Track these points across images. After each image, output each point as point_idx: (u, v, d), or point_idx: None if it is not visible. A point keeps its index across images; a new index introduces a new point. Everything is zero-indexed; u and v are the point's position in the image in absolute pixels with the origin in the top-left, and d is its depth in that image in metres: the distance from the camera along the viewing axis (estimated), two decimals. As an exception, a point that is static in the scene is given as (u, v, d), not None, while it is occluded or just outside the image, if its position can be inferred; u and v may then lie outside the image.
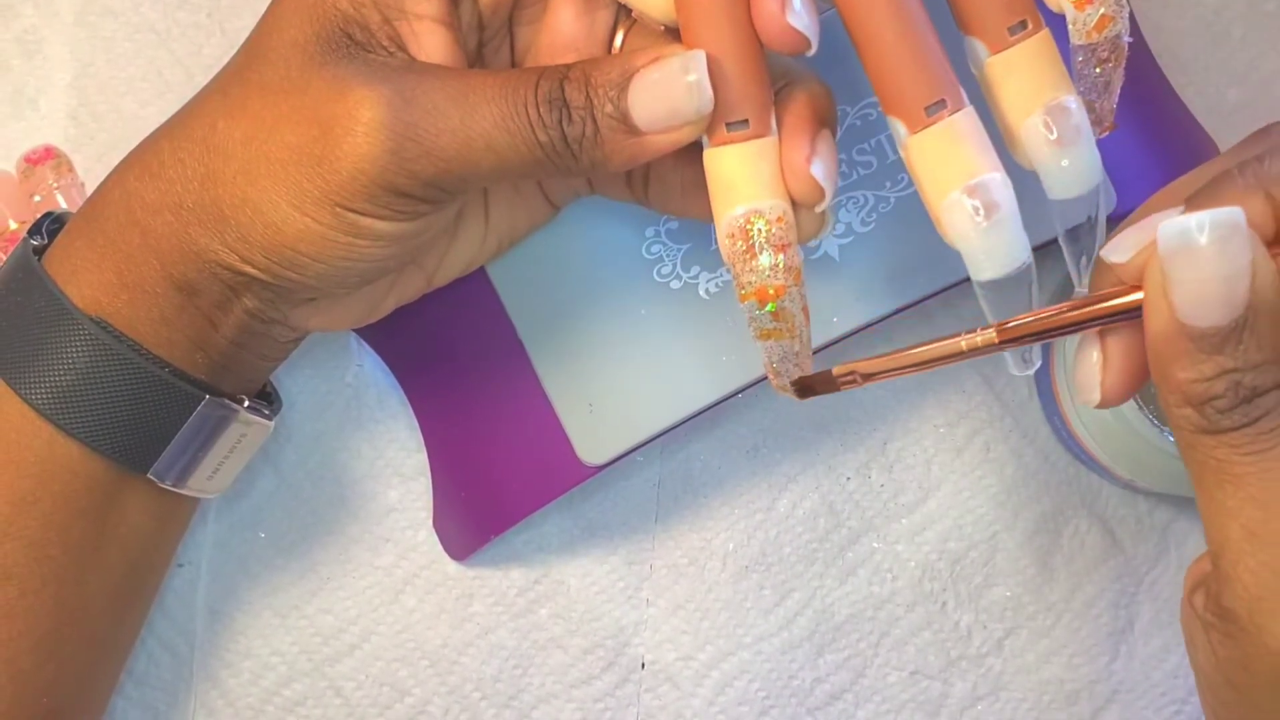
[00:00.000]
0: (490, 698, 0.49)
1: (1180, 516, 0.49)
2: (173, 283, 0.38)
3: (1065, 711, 0.49)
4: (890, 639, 0.49)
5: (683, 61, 0.34)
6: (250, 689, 0.49)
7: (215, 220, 0.37)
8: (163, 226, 0.37)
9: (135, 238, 0.38)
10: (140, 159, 0.38)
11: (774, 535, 0.50)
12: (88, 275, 0.38)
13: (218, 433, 0.41)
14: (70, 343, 0.38)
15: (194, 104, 0.38)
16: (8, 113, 0.51)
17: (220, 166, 0.36)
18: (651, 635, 0.49)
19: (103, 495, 0.40)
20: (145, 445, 0.39)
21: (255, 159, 0.36)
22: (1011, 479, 0.50)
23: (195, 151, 0.37)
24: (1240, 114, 0.50)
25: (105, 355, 0.38)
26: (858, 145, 0.45)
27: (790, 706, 0.49)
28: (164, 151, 0.38)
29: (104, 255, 0.38)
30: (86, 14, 0.51)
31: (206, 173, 0.37)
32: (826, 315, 0.44)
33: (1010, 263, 0.34)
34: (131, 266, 0.38)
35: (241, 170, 0.36)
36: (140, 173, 0.38)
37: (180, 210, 0.37)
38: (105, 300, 0.38)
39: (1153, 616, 0.49)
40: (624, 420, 0.45)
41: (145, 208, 0.38)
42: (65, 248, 0.39)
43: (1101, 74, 0.36)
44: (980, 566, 0.49)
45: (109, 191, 0.39)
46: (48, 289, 0.38)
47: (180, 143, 0.37)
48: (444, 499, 0.49)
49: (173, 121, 0.38)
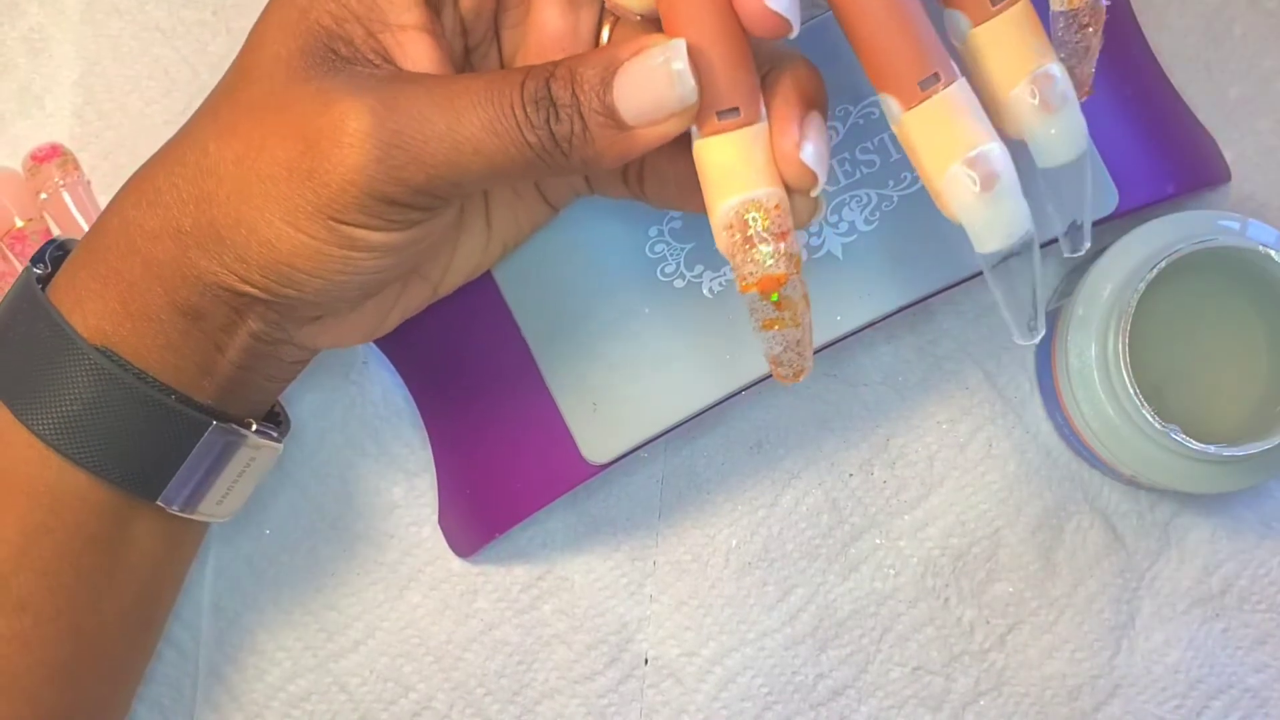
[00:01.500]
0: (494, 693, 0.49)
1: (1182, 512, 0.50)
2: (177, 308, 0.38)
3: (1067, 706, 0.49)
4: (893, 635, 0.49)
5: (663, 51, 0.33)
6: (255, 685, 0.49)
7: (213, 242, 0.36)
8: (163, 253, 0.37)
9: (137, 265, 0.38)
10: (137, 187, 0.38)
11: (777, 531, 0.50)
12: (92, 304, 0.38)
13: (226, 457, 0.40)
14: (76, 372, 0.38)
15: (187, 128, 0.38)
16: (14, 110, 0.51)
17: (214, 188, 0.36)
18: (655, 631, 0.50)
19: (113, 523, 0.40)
20: (153, 472, 0.39)
21: (247, 178, 0.36)
22: (1014, 475, 0.50)
23: (189, 175, 0.37)
24: (1240, 111, 0.50)
25: (111, 384, 0.38)
26: (861, 144, 0.45)
27: (793, 702, 0.49)
28: (159, 178, 0.37)
29: (107, 284, 0.38)
30: (92, 12, 0.51)
31: (201, 195, 0.36)
32: (830, 313, 0.44)
33: (1014, 232, 0.34)
34: (135, 294, 0.38)
35: (235, 190, 0.36)
36: (137, 200, 0.38)
37: (179, 235, 0.37)
38: (110, 329, 0.38)
39: (1154, 611, 0.49)
40: (628, 419, 0.45)
41: (145, 235, 0.37)
42: (70, 277, 0.39)
43: (1082, 39, 0.36)
44: (983, 562, 0.50)
45: (108, 221, 0.39)
46: (52, 319, 0.38)
47: (174, 168, 0.37)
48: (449, 496, 0.49)
49: (166, 148, 0.38)
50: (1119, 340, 0.43)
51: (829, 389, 0.50)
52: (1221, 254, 0.44)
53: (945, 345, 0.50)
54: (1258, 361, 0.46)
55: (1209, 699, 0.49)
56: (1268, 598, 0.49)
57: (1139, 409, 0.43)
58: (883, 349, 0.50)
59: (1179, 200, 0.47)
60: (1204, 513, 0.49)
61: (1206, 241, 0.43)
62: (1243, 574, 0.49)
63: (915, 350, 0.50)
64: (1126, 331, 0.43)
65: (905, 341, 0.50)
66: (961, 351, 0.50)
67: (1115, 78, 0.47)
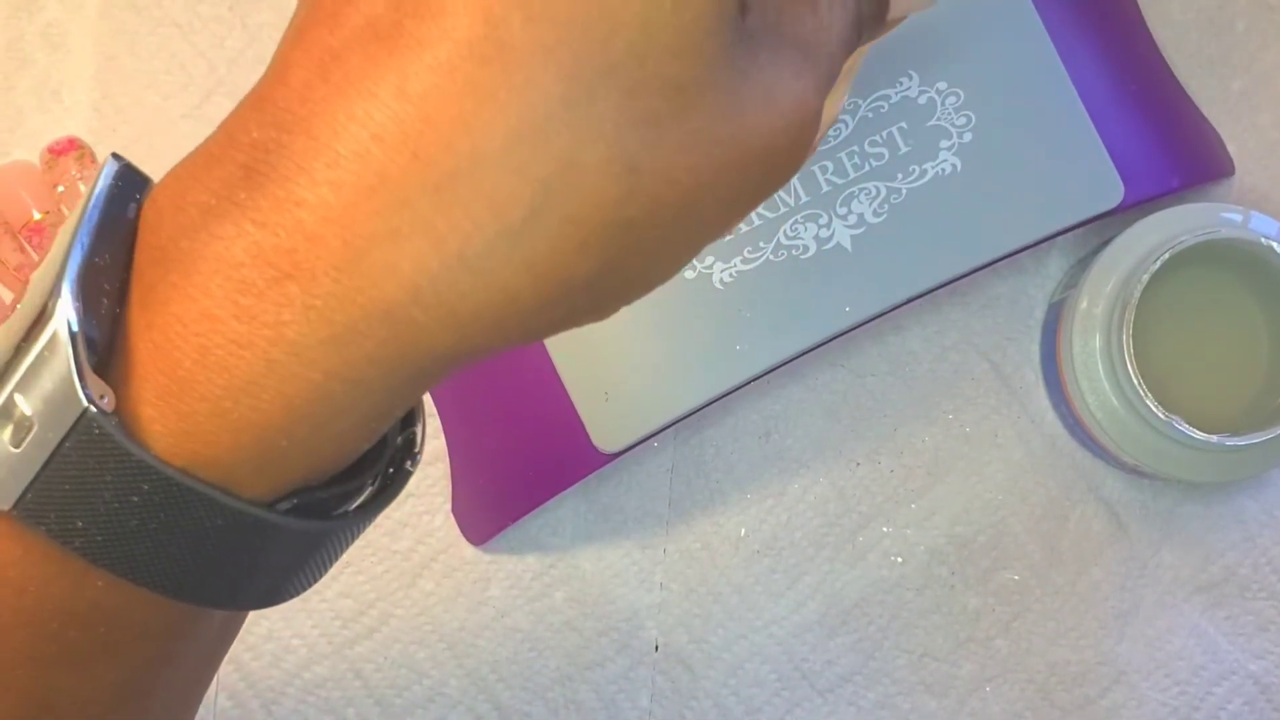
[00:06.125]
0: (506, 680, 0.50)
1: (1185, 501, 0.50)
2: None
3: (1071, 693, 0.50)
4: (899, 622, 0.50)
5: None
6: (272, 671, 0.50)
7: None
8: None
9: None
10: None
11: (785, 520, 0.50)
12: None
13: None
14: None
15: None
16: (32, 105, 0.52)
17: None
18: (665, 619, 0.50)
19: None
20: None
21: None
22: (1019, 465, 0.50)
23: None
24: (1243, 105, 0.51)
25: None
26: (869, 137, 0.45)
27: (801, 688, 0.50)
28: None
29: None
30: (110, 8, 0.52)
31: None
32: (838, 304, 0.45)
33: None
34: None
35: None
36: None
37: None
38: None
39: (1157, 599, 0.50)
40: (639, 408, 0.45)
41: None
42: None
43: None
44: (988, 550, 0.50)
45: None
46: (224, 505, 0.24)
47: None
48: (462, 485, 0.49)
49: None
50: (1123, 331, 0.44)
51: (837, 379, 0.50)
52: (1224, 246, 0.44)
53: (951, 336, 0.50)
54: (1260, 352, 0.47)
55: (1211, 685, 0.50)
56: (1269, 586, 0.50)
57: (1143, 399, 0.44)
58: (890, 340, 0.50)
59: (1182, 193, 0.48)
60: (1206, 502, 0.50)
61: (1210, 234, 0.44)
62: (1244, 562, 0.50)
63: (922, 341, 0.50)
64: (1130, 323, 0.44)
65: (912, 333, 0.51)
66: (967, 343, 0.50)
67: (1120, 73, 0.47)
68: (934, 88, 0.45)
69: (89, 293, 0.23)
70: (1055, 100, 0.45)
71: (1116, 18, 0.49)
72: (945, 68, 0.45)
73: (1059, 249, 0.51)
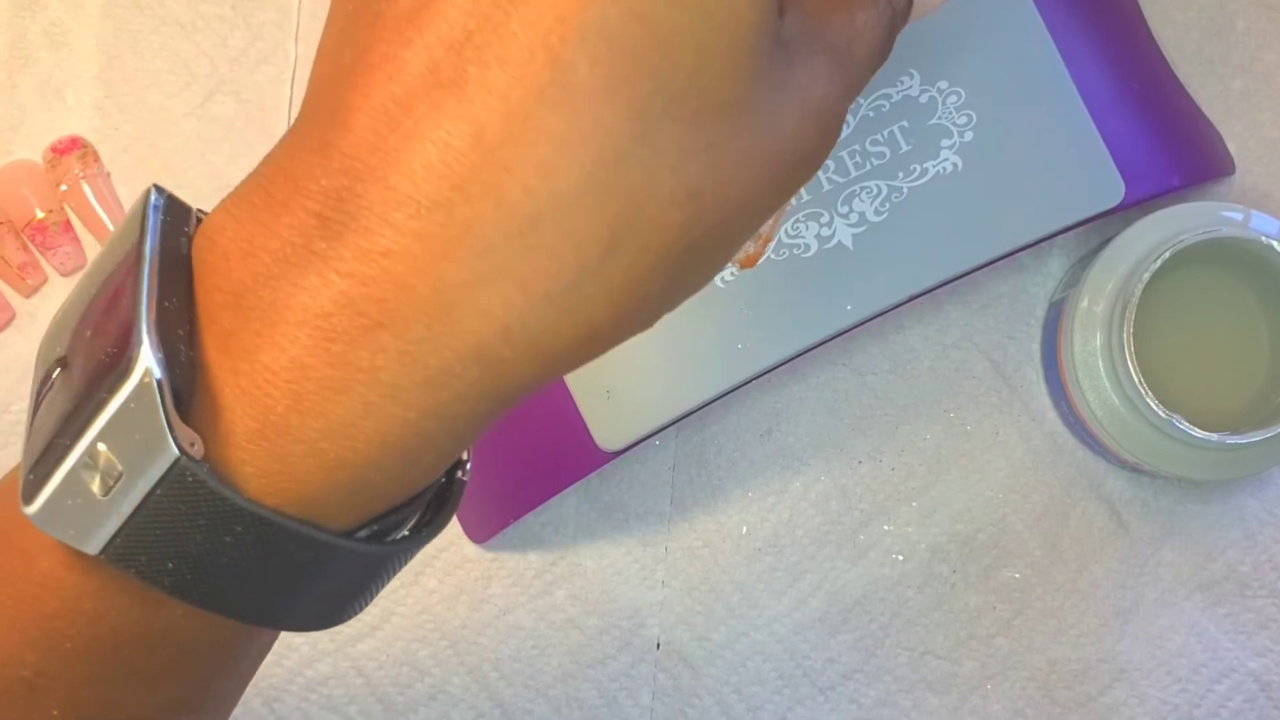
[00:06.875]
0: (508, 677, 0.50)
1: (1185, 499, 0.50)
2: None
3: (1072, 690, 0.50)
4: (901, 620, 0.50)
5: None
6: (274, 669, 0.50)
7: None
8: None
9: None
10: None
11: (787, 518, 0.50)
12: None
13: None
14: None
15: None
16: (35, 104, 0.52)
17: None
18: (666, 616, 0.50)
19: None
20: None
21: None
22: (1020, 462, 0.50)
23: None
24: (1244, 104, 0.51)
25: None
26: (871, 136, 0.46)
27: (803, 686, 0.50)
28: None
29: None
30: (113, 7, 0.52)
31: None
32: (840, 303, 0.45)
33: None
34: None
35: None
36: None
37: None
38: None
39: (1158, 597, 0.50)
40: (641, 406, 0.45)
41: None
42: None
43: None
44: (989, 548, 0.50)
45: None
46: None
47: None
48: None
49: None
50: (1124, 330, 0.44)
51: (838, 378, 0.50)
52: (1225, 245, 0.44)
53: (953, 335, 0.51)
54: (1260, 351, 0.47)
55: (1211, 683, 0.50)
56: (1269, 583, 0.50)
57: (1143, 398, 0.44)
58: (891, 338, 0.51)
59: (1183, 192, 0.48)
60: (1207, 500, 0.50)
61: (1210, 232, 0.44)
62: (1245, 560, 0.50)
63: (923, 340, 0.51)
64: (1131, 321, 0.44)
65: (913, 331, 0.51)
66: (968, 341, 0.51)
67: (1121, 72, 0.47)
68: (935, 87, 0.46)
69: (168, 340, 0.23)
70: (1056, 99, 0.45)
71: (1117, 17, 0.49)
72: (946, 67, 0.45)
73: (1060, 247, 0.51)
